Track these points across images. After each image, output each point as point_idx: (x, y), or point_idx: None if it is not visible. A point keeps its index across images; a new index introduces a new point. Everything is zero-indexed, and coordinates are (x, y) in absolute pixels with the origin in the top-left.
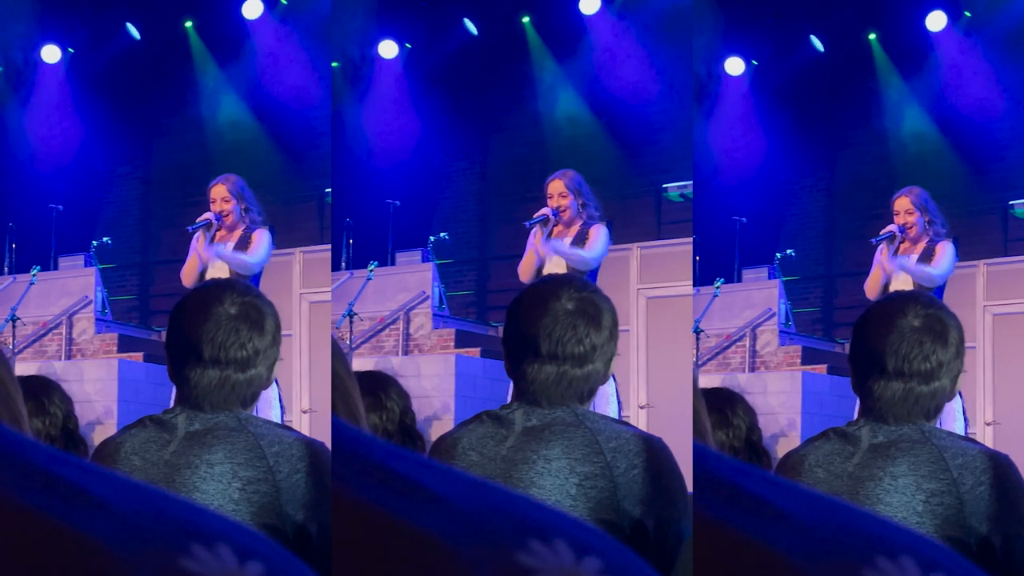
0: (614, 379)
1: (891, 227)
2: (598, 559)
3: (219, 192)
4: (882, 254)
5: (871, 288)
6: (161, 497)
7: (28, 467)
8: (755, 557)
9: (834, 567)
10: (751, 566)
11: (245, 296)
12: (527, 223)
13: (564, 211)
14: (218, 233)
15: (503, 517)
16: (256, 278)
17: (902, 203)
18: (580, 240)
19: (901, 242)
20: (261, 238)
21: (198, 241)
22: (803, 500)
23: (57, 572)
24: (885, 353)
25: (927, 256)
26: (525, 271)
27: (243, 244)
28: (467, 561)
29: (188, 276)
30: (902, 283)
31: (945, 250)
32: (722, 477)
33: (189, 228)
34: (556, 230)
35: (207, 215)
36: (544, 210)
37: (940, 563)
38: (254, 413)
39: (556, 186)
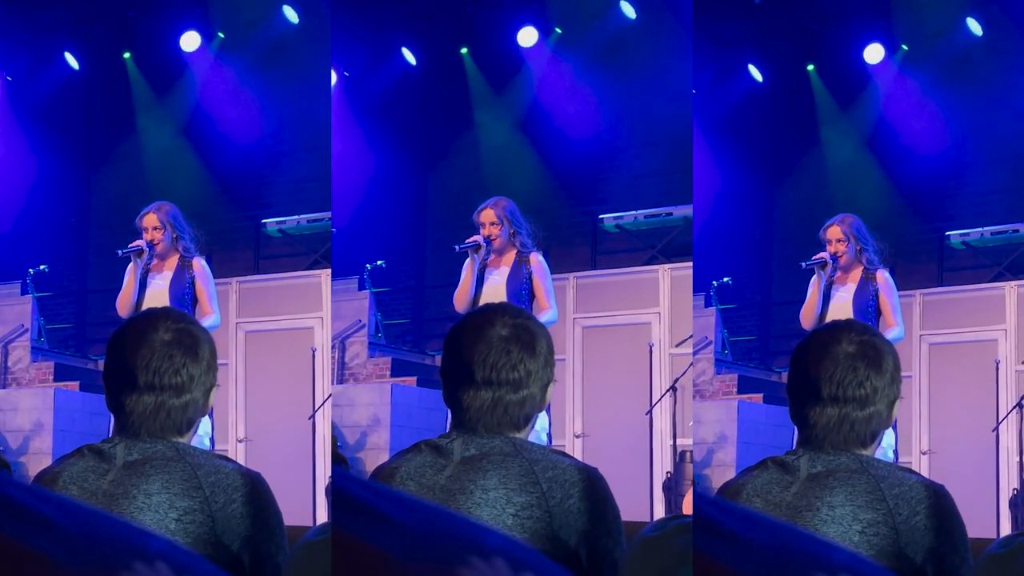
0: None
1: (822, 254)
2: (533, 575)
3: (150, 221)
4: (814, 286)
5: (806, 317)
6: (104, 518)
7: None
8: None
9: None
10: None
11: (179, 323)
12: (457, 247)
13: (495, 239)
14: (153, 263)
15: (447, 536)
16: (191, 307)
17: (833, 232)
18: (517, 269)
19: (834, 272)
20: (212, 313)
21: (129, 274)
22: (758, 525)
23: None
24: (820, 380)
25: (865, 286)
26: (460, 300)
27: (180, 274)
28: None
29: (123, 306)
30: (838, 312)
31: (891, 333)
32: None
33: (120, 252)
34: (490, 259)
35: (138, 242)
36: (475, 237)
37: None
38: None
39: (487, 215)
